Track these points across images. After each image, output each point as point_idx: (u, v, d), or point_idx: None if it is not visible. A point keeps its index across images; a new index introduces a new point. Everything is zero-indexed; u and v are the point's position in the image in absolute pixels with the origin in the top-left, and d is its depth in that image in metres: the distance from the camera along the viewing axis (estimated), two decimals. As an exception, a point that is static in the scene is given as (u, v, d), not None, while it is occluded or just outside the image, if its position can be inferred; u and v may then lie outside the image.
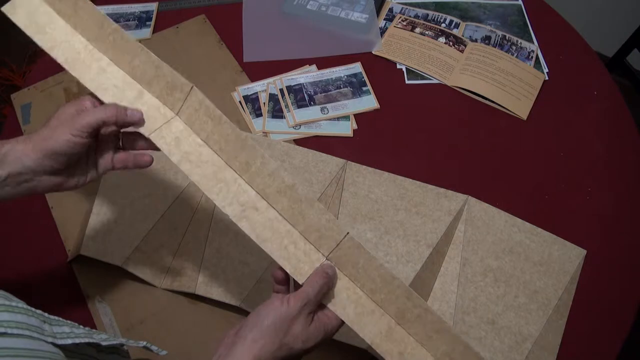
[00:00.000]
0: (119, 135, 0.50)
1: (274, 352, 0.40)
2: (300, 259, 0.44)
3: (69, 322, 0.44)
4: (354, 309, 0.43)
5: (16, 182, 0.45)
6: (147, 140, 0.47)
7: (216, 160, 0.45)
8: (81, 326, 0.45)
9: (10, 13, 0.48)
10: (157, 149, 0.47)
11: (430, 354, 0.42)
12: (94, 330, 0.47)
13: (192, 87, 0.46)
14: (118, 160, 0.49)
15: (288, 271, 0.44)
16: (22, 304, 0.39)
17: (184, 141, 0.46)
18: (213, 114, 0.46)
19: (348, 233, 0.44)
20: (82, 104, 0.47)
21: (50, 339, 0.40)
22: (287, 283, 0.45)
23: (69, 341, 0.42)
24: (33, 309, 0.40)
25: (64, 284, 0.68)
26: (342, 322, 0.45)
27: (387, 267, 0.44)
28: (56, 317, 0.43)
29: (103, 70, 0.48)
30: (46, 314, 0.42)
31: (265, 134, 0.80)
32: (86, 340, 0.44)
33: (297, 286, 0.45)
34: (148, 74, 0.47)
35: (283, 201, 0.44)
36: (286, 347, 0.40)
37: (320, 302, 0.43)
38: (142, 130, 0.47)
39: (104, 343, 0.46)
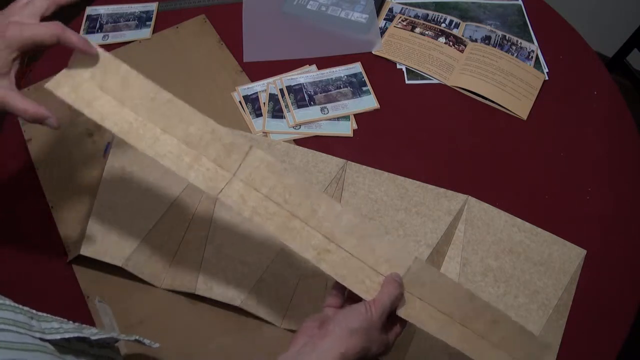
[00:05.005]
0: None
1: (357, 352, 0.42)
2: (376, 290, 0.47)
3: (57, 318, 0.44)
4: (430, 322, 0.47)
5: None
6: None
7: (282, 211, 0.48)
8: (71, 322, 0.45)
9: (55, 88, 0.48)
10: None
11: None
12: (84, 325, 0.47)
13: (250, 147, 0.48)
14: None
15: (365, 298, 0.47)
16: (8, 302, 0.39)
17: (248, 197, 0.48)
18: (274, 168, 0.48)
19: (416, 257, 0.47)
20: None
21: (38, 335, 0.40)
22: (341, 304, 0.48)
23: (58, 336, 0.42)
24: (20, 306, 0.40)
25: (64, 284, 0.68)
26: (400, 332, 0.47)
27: (451, 279, 0.47)
28: (44, 314, 0.43)
29: (157, 138, 0.48)
30: (34, 311, 0.42)
31: (265, 134, 0.80)
32: (75, 334, 0.44)
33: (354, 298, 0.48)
34: (204, 138, 0.48)
35: (351, 240, 0.47)
36: (365, 349, 0.43)
37: (393, 311, 0.46)
38: (209, 192, 0.47)
39: (93, 337, 0.46)
